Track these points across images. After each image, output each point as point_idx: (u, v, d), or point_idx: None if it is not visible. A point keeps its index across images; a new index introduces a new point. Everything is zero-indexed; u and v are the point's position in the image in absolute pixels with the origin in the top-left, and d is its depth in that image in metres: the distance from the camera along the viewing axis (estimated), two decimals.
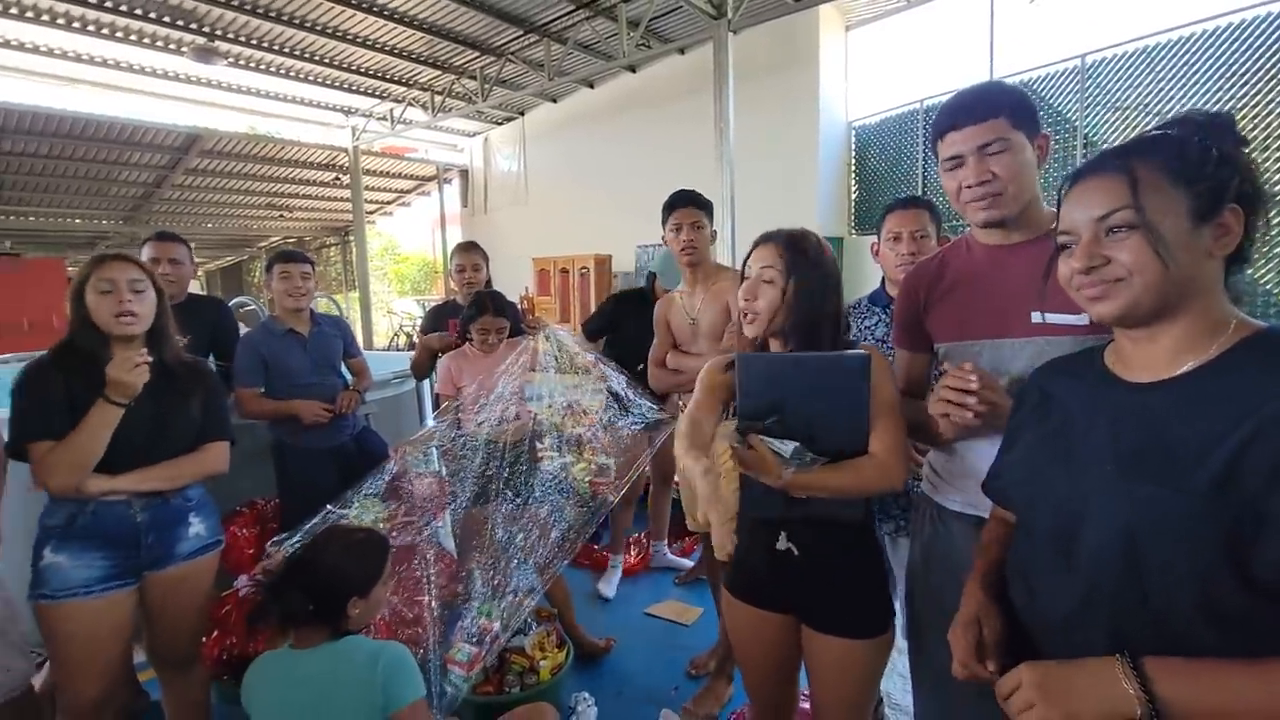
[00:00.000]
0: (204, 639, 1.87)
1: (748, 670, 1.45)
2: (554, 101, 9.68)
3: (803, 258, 1.26)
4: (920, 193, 6.37)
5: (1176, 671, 0.70)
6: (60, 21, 6.23)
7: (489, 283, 2.90)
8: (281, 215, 12.27)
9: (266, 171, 10.34)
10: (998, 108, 1.11)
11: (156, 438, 1.55)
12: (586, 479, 2.76)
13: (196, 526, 1.66)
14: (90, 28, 6.39)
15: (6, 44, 6.66)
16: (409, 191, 12.78)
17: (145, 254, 2.38)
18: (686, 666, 2.36)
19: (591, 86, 9.11)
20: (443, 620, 2.17)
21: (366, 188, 10.82)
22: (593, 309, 8.90)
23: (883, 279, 1.92)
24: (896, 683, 2.23)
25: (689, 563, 3.11)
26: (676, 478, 2.62)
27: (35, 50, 6.87)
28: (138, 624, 1.63)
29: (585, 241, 9.17)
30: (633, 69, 8.46)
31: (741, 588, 1.38)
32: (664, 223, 2.21)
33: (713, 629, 2.45)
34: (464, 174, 11.68)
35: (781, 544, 1.29)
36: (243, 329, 2.77)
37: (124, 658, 1.61)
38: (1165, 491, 0.73)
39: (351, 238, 11.98)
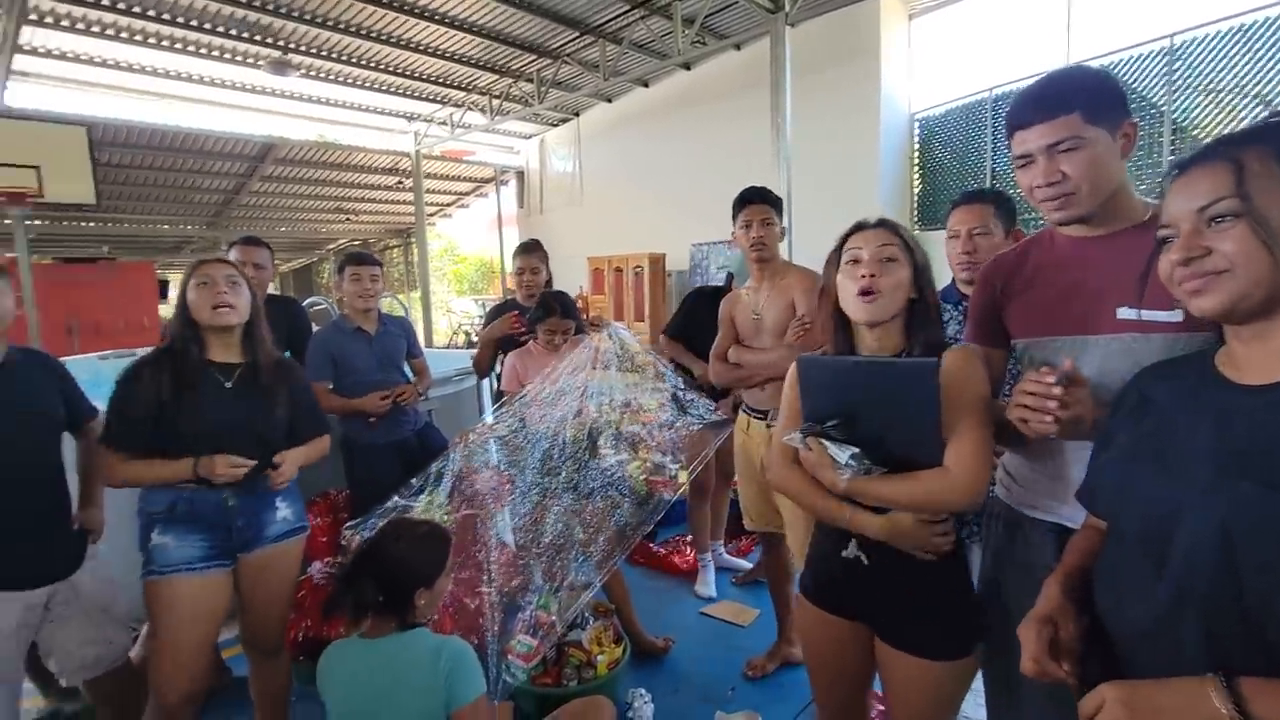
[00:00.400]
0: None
1: (814, 674, 1.41)
2: (609, 101, 9.74)
3: (916, 246, 1.22)
4: (989, 185, 6.11)
5: (1273, 693, 0.65)
6: (151, 41, 6.67)
7: (549, 283, 2.94)
8: (348, 218, 12.79)
9: (334, 177, 10.80)
10: (1070, 103, 1.04)
11: (244, 431, 1.63)
12: (643, 477, 2.78)
13: (284, 511, 1.74)
14: (178, 45, 6.83)
15: (105, 64, 7.18)
16: (468, 194, 13.11)
17: (232, 257, 2.52)
18: (744, 668, 2.33)
19: (646, 85, 9.12)
20: (502, 611, 2.22)
21: (427, 190, 11.17)
22: (646, 308, 8.99)
23: (954, 277, 1.86)
24: (967, 697, 2.15)
25: (746, 564, 3.08)
26: (735, 478, 2.58)
27: (130, 69, 7.38)
28: (230, 608, 1.72)
29: (639, 241, 9.20)
30: (687, 66, 8.42)
31: (812, 589, 1.35)
32: (734, 219, 2.19)
33: (770, 631, 2.42)
34: (520, 175, 11.91)
35: (850, 551, 1.24)
36: (313, 328, 2.90)
37: (214, 638, 1.70)
38: (1268, 491, 0.69)
39: (413, 239, 12.37)
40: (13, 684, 1.59)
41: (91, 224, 10.13)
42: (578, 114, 10.35)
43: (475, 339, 12.95)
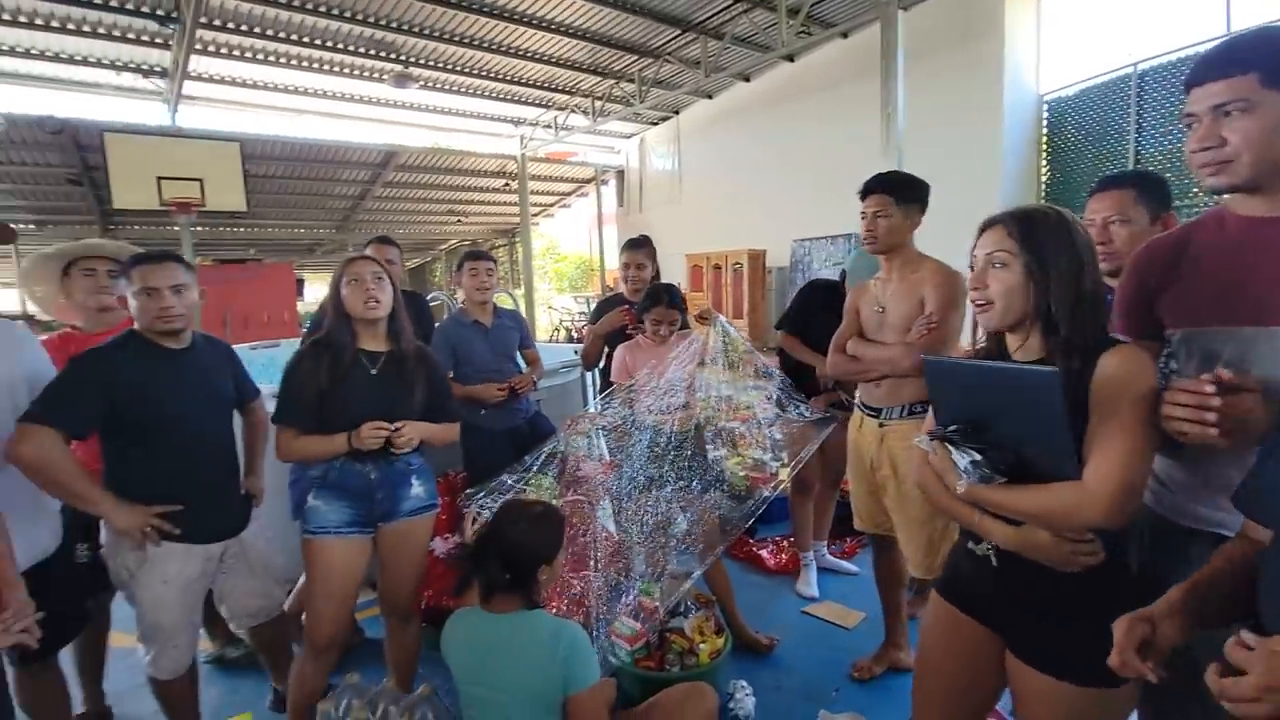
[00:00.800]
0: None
1: (924, 679, 1.31)
2: (709, 98, 9.71)
3: (1040, 230, 1.07)
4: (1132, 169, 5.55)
5: None
6: (293, 62, 7.37)
7: (655, 278, 2.99)
8: (458, 220, 13.53)
9: (446, 181, 11.46)
10: (1248, 62, 0.96)
11: (387, 413, 1.78)
12: (742, 473, 2.76)
13: (417, 488, 1.89)
14: (314, 65, 7.50)
15: (254, 85, 8.02)
16: (569, 194, 13.50)
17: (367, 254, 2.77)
18: (849, 669, 2.27)
19: (747, 80, 9.01)
20: (605, 594, 2.29)
21: (531, 191, 11.60)
22: (745, 305, 8.88)
23: None
24: None
25: (851, 566, 2.98)
26: (845, 478, 2.51)
27: (273, 89, 8.20)
28: (368, 572, 1.90)
29: (739, 237, 9.12)
30: (791, 58, 8.24)
31: (943, 583, 1.29)
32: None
33: (874, 635, 2.34)
34: (620, 174, 12.12)
35: (981, 548, 1.17)
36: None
37: (355, 594, 1.88)
38: None
39: (518, 239, 12.90)
40: (194, 626, 1.83)
41: (241, 229, 11.33)
42: (677, 112, 10.40)
43: (575, 335, 13.36)
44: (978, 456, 1.06)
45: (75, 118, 7.15)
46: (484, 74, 8.24)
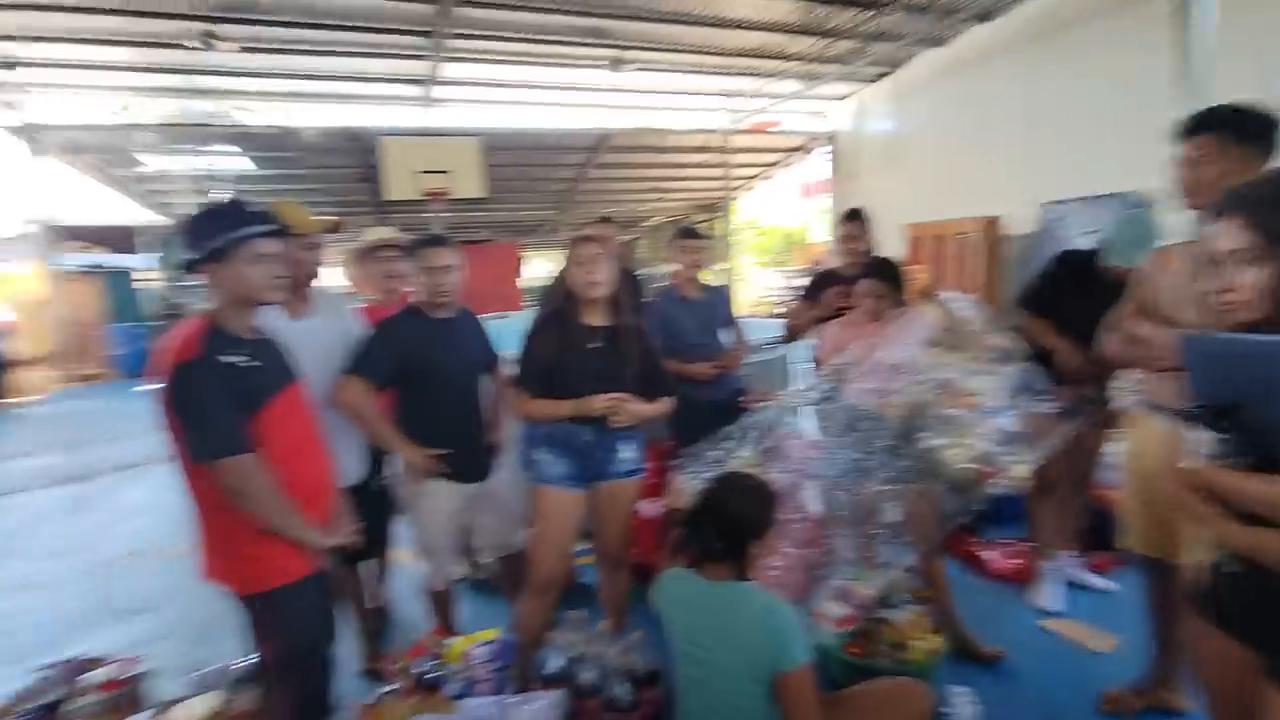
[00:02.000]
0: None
1: (1209, 699, 1.23)
2: (938, 45, 8.72)
3: None
4: None
5: None
6: (517, 58, 8.09)
7: (870, 251, 2.84)
8: (662, 197, 13.94)
9: (652, 159, 11.84)
10: None
11: (605, 383, 1.95)
12: (964, 463, 2.51)
13: (625, 453, 2.05)
14: (538, 59, 8.16)
15: (490, 84, 8.97)
16: (773, 165, 13.15)
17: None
18: (1098, 701, 1.97)
19: (986, 19, 7.91)
20: (807, 574, 2.25)
21: (734, 164, 11.52)
22: (980, 280, 7.94)
23: None
24: None
25: (1104, 582, 2.57)
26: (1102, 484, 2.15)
27: (503, 85, 9.10)
28: (585, 524, 2.11)
29: (969, 203, 8.14)
30: None
31: (1202, 597, 1.19)
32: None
33: (1131, 664, 2.00)
34: (832, 140, 11.48)
35: (1221, 555, 1.09)
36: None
37: (573, 541, 2.10)
38: None
39: (720, 213, 12.94)
40: (450, 553, 2.19)
41: (479, 214, 12.87)
42: (897, 66, 9.51)
43: (780, 310, 13.08)
44: (1225, 436, 0.99)
45: (359, 125, 8.67)
46: (696, 49, 8.29)
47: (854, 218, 2.87)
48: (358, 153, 9.15)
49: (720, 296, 2.99)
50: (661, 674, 1.82)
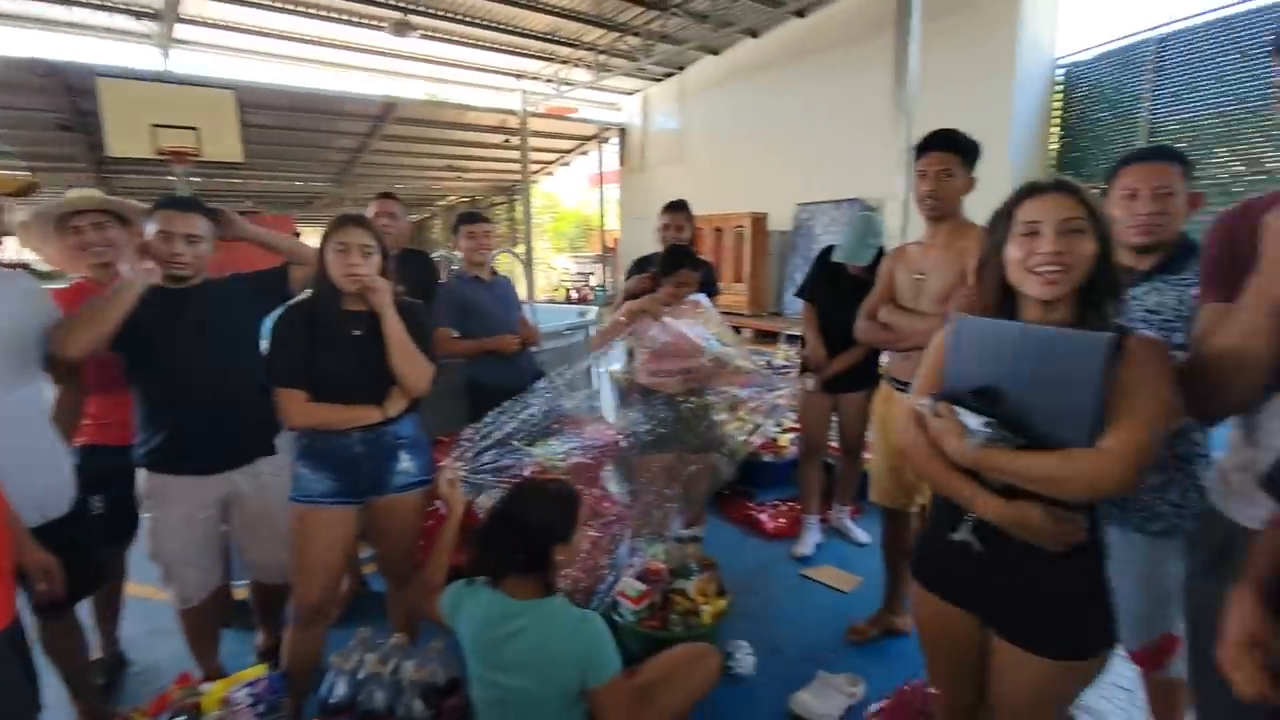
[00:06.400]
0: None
1: (929, 661, 1.36)
2: (715, 54, 9.45)
3: (1098, 208, 1.08)
4: (1145, 142, 5.48)
5: None
6: (289, 6, 7.12)
7: (692, 242, 2.98)
8: (457, 176, 13.32)
9: (446, 135, 11.23)
10: None
11: (371, 371, 1.72)
12: (742, 438, 2.79)
13: (406, 464, 1.79)
14: (311, 10, 7.25)
15: (249, 31, 7.75)
16: (570, 151, 13.25)
17: (370, 210, 2.73)
18: (845, 633, 2.34)
19: (755, 35, 8.76)
20: (610, 556, 2.33)
21: (532, 148, 11.38)
22: (748, 269, 8.80)
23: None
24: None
25: (864, 535, 3.03)
26: (867, 453, 2.52)
27: (270, 35, 7.93)
28: (356, 538, 1.89)
29: (742, 200, 8.99)
30: (801, 14, 8.00)
31: (923, 571, 1.30)
32: (915, 165, 1.97)
33: (873, 598, 2.40)
34: (623, 132, 11.87)
35: (960, 534, 1.17)
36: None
37: (342, 565, 1.83)
38: None
39: (517, 196, 12.71)
40: (200, 563, 1.87)
41: (238, 180, 11.14)
42: (683, 68, 10.13)
43: (576, 295, 13.21)
44: (992, 419, 1.06)
45: (65, 60, 6.94)
46: (485, 24, 7.98)
47: (678, 208, 2.98)
48: (58, 93, 7.31)
49: (507, 283, 2.94)
50: (461, 681, 1.75)
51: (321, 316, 1.71)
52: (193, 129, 7.07)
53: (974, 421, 1.07)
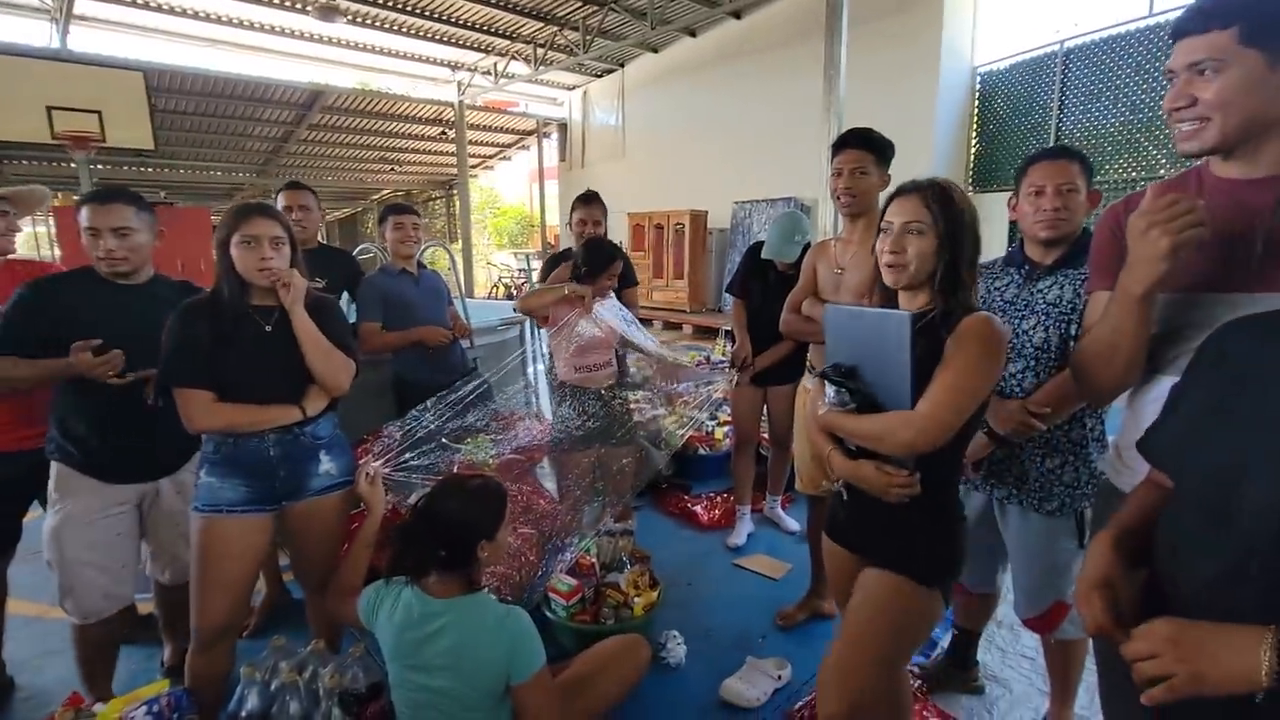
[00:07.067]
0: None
1: (835, 597, 1.52)
2: (655, 52, 9.49)
3: (953, 204, 1.21)
4: (1054, 145, 5.81)
5: None
6: None
7: (604, 233, 2.95)
8: (392, 169, 12.90)
9: (379, 126, 10.87)
10: (1228, 16, 0.92)
11: (285, 370, 1.63)
12: (679, 431, 2.82)
13: (327, 465, 1.70)
14: None
15: (159, 8, 7.27)
16: (509, 146, 13.05)
17: (279, 202, 2.58)
18: (775, 618, 2.39)
19: (694, 35, 8.85)
20: (543, 552, 2.31)
21: (470, 142, 11.16)
22: (686, 266, 8.89)
23: (1020, 240, 1.76)
24: (995, 655, 2.18)
25: (794, 523, 3.10)
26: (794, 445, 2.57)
27: (182, 14, 7.46)
28: (269, 548, 1.81)
29: (682, 197, 9.07)
30: (738, 15, 8.13)
31: (827, 523, 1.49)
32: (831, 162, 2.04)
33: (803, 584, 2.47)
34: (563, 128, 11.77)
35: (836, 486, 1.40)
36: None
37: (251, 580, 1.71)
38: None
39: (455, 191, 12.43)
40: (103, 572, 1.76)
41: (150, 169, 10.46)
42: (623, 65, 10.13)
43: (515, 291, 13.03)
44: (843, 390, 1.26)
45: None
46: (418, 11, 7.76)
47: (591, 201, 2.94)
48: None
49: (436, 276, 2.87)
50: (383, 686, 1.69)
51: (226, 313, 1.59)
52: (95, 112, 6.59)
53: (831, 392, 1.27)
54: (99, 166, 7.49)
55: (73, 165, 6.95)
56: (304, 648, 1.75)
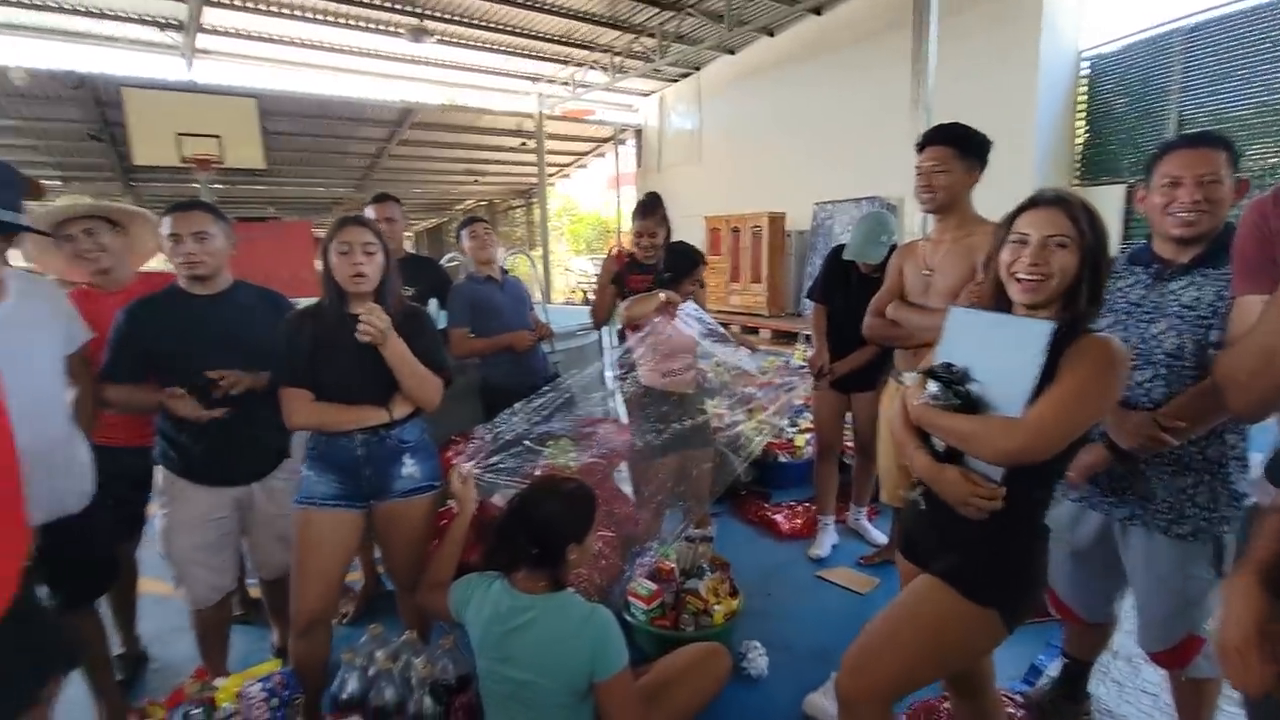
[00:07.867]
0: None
1: None
2: (731, 54, 9.41)
3: (1097, 222, 1.15)
4: (1175, 135, 5.33)
5: None
6: (307, 15, 7.24)
7: (667, 238, 2.91)
8: (475, 180, 13.42)
9: (463, 139, 11.33)
10: None
11: (376, 375, 1.69)
12: (757, 438, 2.76)
13: (410, 468, 1.75)
14: (329, 18, 7.36)
15: (269, 39, 7.90)
16: (587, 153, 13.29)
17: (367, 214, 2.73)
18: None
19: (771, 35, 8.71)
20: (623, 556, 2.32)
21: (548, 151, 11.44)
22: (765, 269, 8.74)
23: (1149, 235, 1.58)
24: (1110, 689, 2.00)
25: (881, 536, 2.98)
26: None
27: (290, 43, 8.07)
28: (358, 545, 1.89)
29: (760, 200, 8.93)
30: (818, 11, 7.94)
31: (900, 538, 1.42)
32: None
33: (888, 601, 2.36)
34: (639, 134, 11.88)
35: (913, 493, 1.32)
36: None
37: (342, 572, 1.79)
38: None
39: (535, 199, 12.78)
40: (212, 568, 1.90)
41: (260, 187, 11.34)
42: (699, 69, 10.11)
43: (592, 297, 13.25)
44: (944, 386, 1.20)
45: (94, 72, 7.13)
46: (500, 28, 8.05)
47: (649, 212, 2.88)
48: (88, 104, 7.52)
49: (518, 282, 2.96)
50: (472, 678, 1.75)
51: (327, 320, 1.70)
52: (216, 137, 7.24)
53: (935, 388, 1.21)
54: (217, 185, 8.21)
55: (195, 185, 7.64)
56: (398, 637, 1.84)
